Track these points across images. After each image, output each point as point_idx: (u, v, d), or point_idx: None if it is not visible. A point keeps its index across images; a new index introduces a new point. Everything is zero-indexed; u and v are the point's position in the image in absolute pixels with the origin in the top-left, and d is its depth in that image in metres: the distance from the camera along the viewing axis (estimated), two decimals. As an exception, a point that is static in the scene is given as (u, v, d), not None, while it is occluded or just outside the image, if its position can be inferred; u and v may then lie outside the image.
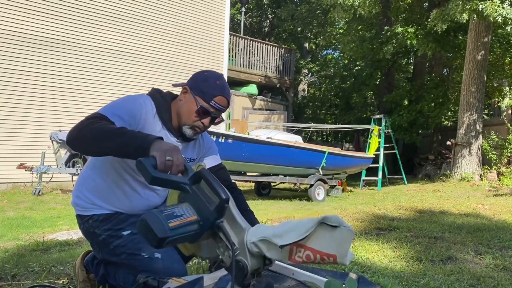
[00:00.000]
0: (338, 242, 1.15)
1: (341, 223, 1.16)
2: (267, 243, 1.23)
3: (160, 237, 1.17)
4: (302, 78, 22.66)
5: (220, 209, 1.26)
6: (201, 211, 1.27)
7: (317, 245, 1.17)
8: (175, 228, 1.20)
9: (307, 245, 1.19)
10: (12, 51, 8.06)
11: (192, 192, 1.29)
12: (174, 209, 1.25)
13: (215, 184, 1.27)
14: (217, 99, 1.65)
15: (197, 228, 1.25)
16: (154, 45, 10.03)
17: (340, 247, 1.15)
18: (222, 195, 1.24)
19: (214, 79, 1.67)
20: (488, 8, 7.94)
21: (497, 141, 9.78)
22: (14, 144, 8.03)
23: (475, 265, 2.66)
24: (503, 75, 12.59)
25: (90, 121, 1.46)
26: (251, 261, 1.26)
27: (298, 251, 1.20)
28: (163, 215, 1.21)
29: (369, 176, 10.84)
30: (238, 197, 1.85)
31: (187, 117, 1.68)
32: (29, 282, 2.16)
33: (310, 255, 1.18)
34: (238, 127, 7.47)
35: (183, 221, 1.23)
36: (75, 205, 1.79)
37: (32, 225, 4.58)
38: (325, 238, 1.17)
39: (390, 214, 4.82)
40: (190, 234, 1.24)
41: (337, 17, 11.51)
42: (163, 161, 1.29)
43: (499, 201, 6.07)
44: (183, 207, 1.28)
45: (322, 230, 1.17)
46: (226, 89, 1.69)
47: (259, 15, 22.82)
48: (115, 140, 1.38)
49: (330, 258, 1.16)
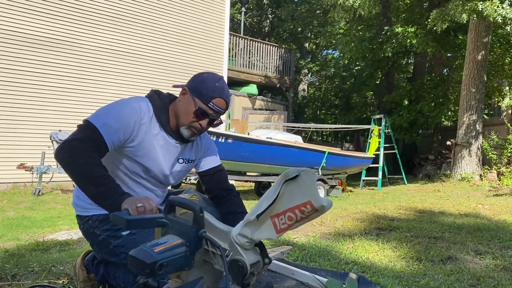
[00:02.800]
0: (305, 188, 1.16)
1: (299, 170, 1.17)
2: (249, 225, 1.24)
3: (149, 263, 1.19)
4: (302, 78, 22.66)
5: (198, 219, 1.28)
6: (183, 233, 1.29)
7: (290, 202, 1.18)
8: (161, 252, 1.23)
9: (283, 209, 1.20)
10: (12, 51, 8.06)
11: (170, 221, 1.33)
12: (158, 241, 1.29)
13: (185, 201, 1.32)
14: (215, 101, 1.65)
15: (185, 250, 1.27)
16: (154, 45, 10.03)
17: (309, 192, 1.16)
18: (194, 206, 1.28)
19: (213, 81, 1.67)
20: (488, 8, 7.93)
21: (497, 141, 9.77)
22: (14, 144, 8.03)
23: (475, 265, 2.66)
24: (503, 75, 12.60)
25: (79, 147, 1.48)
26: (247, 255, 1.27)
27: (280, 220, 1.21)
28: (147, 246, 1.24)
29: (369, 176, 10.85)
30: (234, 200, 1.85)
31: (185, 118, 1.68)
32: (29, 282, 2.16)
33: (291, 215, 1.19)
34: (238, 127, 7.47)
35: (168, 245, 1.26)
36: (75, 206, 1.80)
37: (32, 225, 4.59)
38: (293, 191, 1.18)
39: (390, 214, 4.82)
40: (180, 256, 1.26)
41: (337, 17, 11.53)
42: (135, 208, 1.36)
43: (499, 201, 6.07)
44: (166, 237, 1.31)
45: (288, 187, 1.18)
46: (225, 91, 1.68)
47: (259, 15, 22.83)
48: (94, 188, 1.46)
49: (307, 207, 1.16)
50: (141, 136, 1.65)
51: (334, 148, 8.85)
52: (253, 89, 13.40)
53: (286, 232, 1.25)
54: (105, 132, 1.54)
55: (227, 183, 1.91)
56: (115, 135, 1.57)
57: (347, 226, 3.96)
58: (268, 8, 22.53)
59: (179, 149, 1.77)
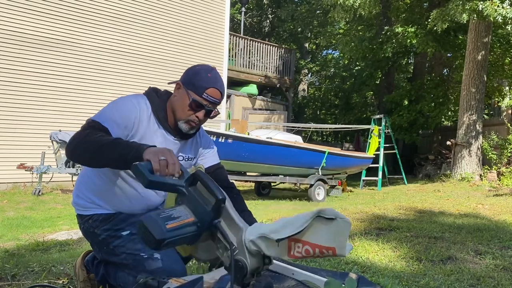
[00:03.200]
0: (335, 234, 1.15)
1: (337, 215, 1.16)
2: (265, 240, 1.23)
3: (158, 239, 1.18)
4: (302, 78, 22.65)
5: (217, 209, 1.27)
6: (198, 212, 1.27)
7: (315, 238, 1.17)
8: (172, 229, 1.21)
9: (304, 239, 1.19)
10: (12, 51, 8.06)
11: (189, 194, 1.31)
12: (171, 212, 1.26)
13: (211, 184, 1.28)
14: (209, 91, 1.65)
15: (195, 229, 1.26)
16: (154, 45, 10.03)
17: (338, 239, 1.15)
18: (218, 195, 1.25)
19: (206, 72, 1.68)
20: (488, 8, 7.93)
21: (497, 141, 9.77)
22: (14, 144, 8.03)
23: (475, 265, 2.66)
24: (503, 75, 12.59)
25: (87, 133, 1.49)
26: (251, 260, 1.26)
27: (296, 247, 1.20)
28: (160, 218, 1.22)
29: (369, 176, 10.84)
30: (236, 198, 1.85)
31: (181, 112, 1.69)
32: (29, 282, 2.16)
33: (309, 250, 1.18)
34: (238, 127, 7.47)
35: (180, 222, 1.24)
36: (76, 205, 1.79)
37: (32, 225, 4.58)
38: (322, 231, 1.16)
39: (390, 214, 4.82)
40: (188, 236, 1.25)
41: (337, 17, 11.51)
42: (157, 160, 1.31)
43: (499, 201, 6.07)
44: (180, 209, 1.29)
45: (318, 223, 1.17)
46: (219, 81, 1.69)
47: (259, 15, 22.82)
48: (112, 153, 1.43)
49: (329, 251, 1.16)
50: (141, 133, 1.66)
51: (334, 148, 8.85)
52: (253, 89, 13.40)
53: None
54: (109, 125, 1.56)
55: (228, 181, 1.91)
56: (119, 128, 1.58)
57: (347, 226, 3.95)
58: (268, 8, 22.52)
59: (179, 145, 1.77)
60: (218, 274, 1.44)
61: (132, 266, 1.64)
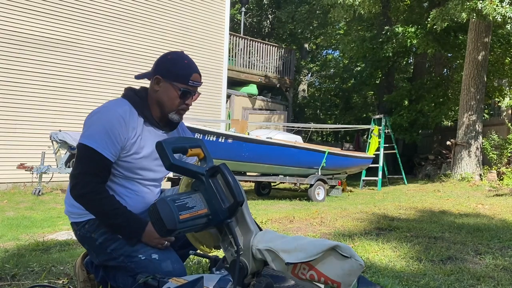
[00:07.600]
0: (346, 272, 1.15)
1: (353, 255, 1.16)
2: (273, 255, 1.23)
3: (168, 228, 1.19)
4: (302, 78, 22.64)
5: (233, 210, 1.26)
6: (212, 206, 1.27)
7: (324, 269, 1.17)
8: (184, 221, 1.21)
9: (313, 265, 1.19)
10: (12, 51, 8.06)
11: (207, 184, 1.29)
12: (186, 200, 1.26)
13: (234, 183, 1.26)
14: (192, 77, 1.70)
15: (205, 221, 1.26)
16: (154, 45, 10.03)
17: (347, 278, 1.15)
18: (238, 197, 1.24)
19: (182, 60, 1.72)
20: (487, 7, 7.92)
21: (497, 141, 9.77)
22: (14, 144, 8.03)
23: (475, 265, 2.66)
24: (503, 75, 12.58)
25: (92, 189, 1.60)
26: (253, 264, 1.27)
27: (302, 269, 1.20)
28: (175, 206, 1.21)
29: (369, 176, 10.84)
30: None
31: (171, 104, 1.72)
32: (29, 282, 2.15)
33: (314, 276, 1.18)
34: (238, 127, 7.47)
35: (193, 214, 1.23)
36: (69, 214, 1.76)
37: (32, 225, 4.58)
38: (334, 264, 1.16)
39: (390, 214, 4.82)
40: (197, 227, 1.26)
41: (337, 17, 11.51)
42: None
43: (499, 201, 6.07)
44: (196, 197, 1.28)
45: (332, 256, 1.17)
46: (194, 65, 1.75)
47: (259, 15, 22.82)
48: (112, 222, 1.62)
49: (334, 285, 1.16)
50: (134, 139, 1.68)
51: (334, 148, 8.84)
52: (253, 89, 13.39)
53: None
54: (104, 150, 1.60)
55: None
56: (113, 147, 1.63)
57: (347, 226, 3.96)
58: (268, 8, 22.52)
59: (166, 137, 1.79)
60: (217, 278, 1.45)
61: (130, 268, 1.63)
